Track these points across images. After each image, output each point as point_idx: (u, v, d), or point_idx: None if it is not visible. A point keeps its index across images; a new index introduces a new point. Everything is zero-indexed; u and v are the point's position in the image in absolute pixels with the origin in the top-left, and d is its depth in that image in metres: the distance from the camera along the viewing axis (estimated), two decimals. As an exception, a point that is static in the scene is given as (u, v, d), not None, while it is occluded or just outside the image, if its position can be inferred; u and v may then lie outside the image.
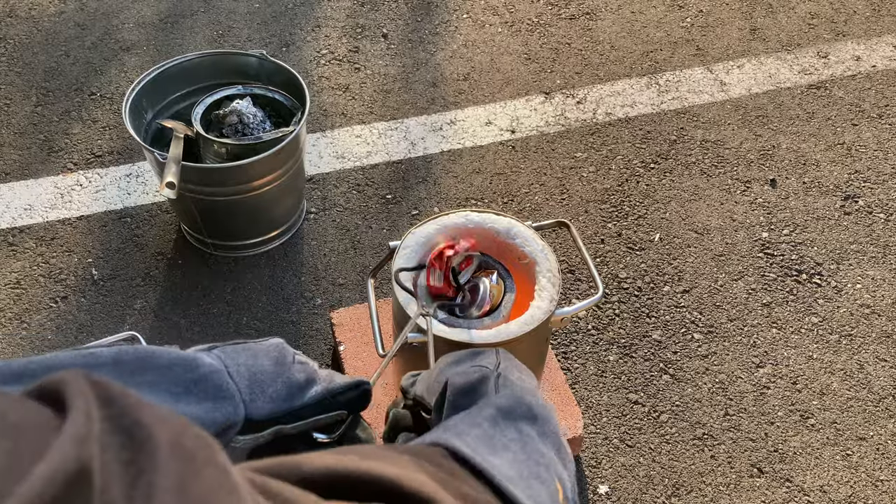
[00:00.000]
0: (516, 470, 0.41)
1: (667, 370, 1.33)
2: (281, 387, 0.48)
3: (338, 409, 0.51)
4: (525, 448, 0.44)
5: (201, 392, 0.44)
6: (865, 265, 1.48)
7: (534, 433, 0.46)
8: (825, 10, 2.00)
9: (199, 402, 0.43)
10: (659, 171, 1.64)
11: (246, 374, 0.47)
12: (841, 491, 1.20)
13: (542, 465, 0.44)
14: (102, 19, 1.94)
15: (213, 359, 0.46)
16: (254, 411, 0.46)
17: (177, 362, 0.44)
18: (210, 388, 0.44)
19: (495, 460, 0.40)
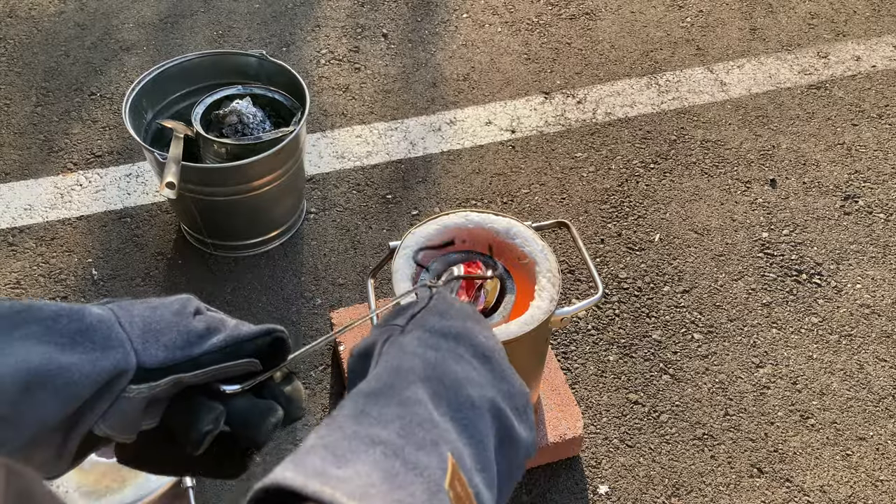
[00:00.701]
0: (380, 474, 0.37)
1: (667, 370, 1.33)
2: (176, 335, 0.46)
3: (246, 357, 0.48)
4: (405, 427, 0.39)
5: (88, 342, 0.42)
6: (865, 265, 1.48)
7: (425, 396, 0.42)
8: (825, 10, 2.00)
9: (86, 353, 0.42)
10: (659, 171, 1.64)
11: (140, 324, 0.45)
12: (841, 491, 1.20)
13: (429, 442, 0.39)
14: (102, 19, 1.94)
15: (103, 310, 0.45)
16: (146, 359, 0.45)
17: (62, 313, 0.42)
18: (98, 337, 0.43)
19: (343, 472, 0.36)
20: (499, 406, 0.44)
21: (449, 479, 0.38)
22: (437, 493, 0.37)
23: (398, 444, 0.38)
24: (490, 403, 0.43)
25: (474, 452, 0.41)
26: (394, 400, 0.41)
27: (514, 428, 0.44)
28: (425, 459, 0.38)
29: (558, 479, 1.20)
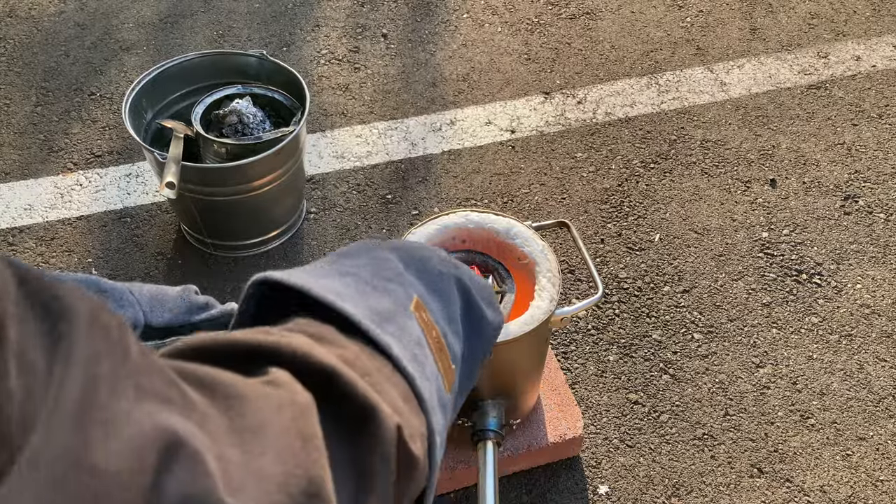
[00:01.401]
0: (353, 287, 0.39)
1: (667, 370, 1.33)
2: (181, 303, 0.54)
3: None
4: (375, 269, 0.42)
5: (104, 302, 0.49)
6: (865, 265, 1.48)
7: (393, 257, 0.44)
8: (825, 10, 2.00)
9: None
10: (659, 171, 1.63)
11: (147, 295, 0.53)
12: (841, 491, 1.20)
13: (396, 281, 0.42)
14: (102, 19, 1.94)
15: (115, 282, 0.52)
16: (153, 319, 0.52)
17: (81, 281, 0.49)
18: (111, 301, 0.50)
19: (322, 282, 0.39)
20: (464, 282, 0.47)
21: (413, 305, 0.41)
22: (404, 308, 0.40)
23: (368, 278, 0.41)
24: (456, 278, 0.46)
25: (440, 306, 0.43)
26: (365, 255, 0.44)
27: (479, 302, 0.47)
28: (393, 287, 0.41)
29: (558, 480, 1.20)
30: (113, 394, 0.23)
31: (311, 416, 0.30)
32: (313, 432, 0.30)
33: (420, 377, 0.38)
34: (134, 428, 0.23)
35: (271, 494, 0.27)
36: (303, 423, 0.30)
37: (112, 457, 0.22)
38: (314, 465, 0.29)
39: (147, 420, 0.23)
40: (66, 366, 0.22)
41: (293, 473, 0.28)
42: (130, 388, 0.24)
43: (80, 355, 0.22)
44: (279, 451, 0.28)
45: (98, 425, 0.22)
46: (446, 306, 0.44)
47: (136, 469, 0.22)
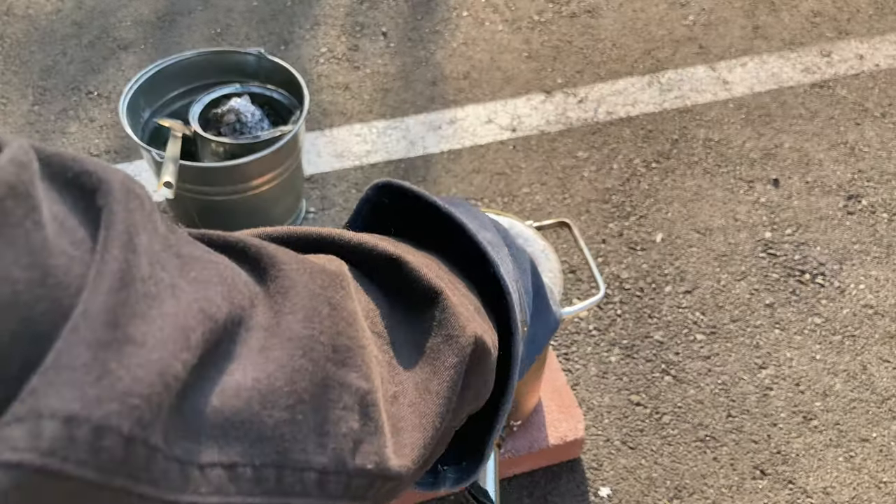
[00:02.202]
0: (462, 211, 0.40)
1: (669, 371, 1.32)
2: None
3: None
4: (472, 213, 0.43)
5: None
6: (869, 265, 1.47)
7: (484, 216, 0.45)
8: (828, 8, 1.99)
9: None
10: (661, 170, 1.62)
11: None
12: (844, 493, 1.19)
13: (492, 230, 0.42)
14: (100, 17, 1.93)
15: None
16: None
17: None
18: None
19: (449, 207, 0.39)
20: (535, 265, 0.47)
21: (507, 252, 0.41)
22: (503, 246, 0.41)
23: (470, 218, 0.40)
24: (529, 258, 0.47)
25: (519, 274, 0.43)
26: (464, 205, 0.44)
27: (545, 288, 0.47)
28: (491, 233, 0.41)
29: (559, 482, 1.19)
30: (154, 265, 0.22)
31: (341, 285, 0.29)
32: (343, 303, 0.29)
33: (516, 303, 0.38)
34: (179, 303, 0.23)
35: (295, 359, 0.26)
36: (332, 292, 0.29)
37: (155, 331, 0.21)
38: (340, 334, 0.28)
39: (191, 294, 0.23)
40: (108, 233, 0.21)
41: (318, 339, 0.27)
42: (173, 258, 0.24)
43: (121, 224, 0.22)
44: (307, 314, 0.27)
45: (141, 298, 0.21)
46: (524, 276, 0.44)
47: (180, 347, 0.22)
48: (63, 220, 0.21)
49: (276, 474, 0.25)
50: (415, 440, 0.30)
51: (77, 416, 0.19)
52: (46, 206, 0.21)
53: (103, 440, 0.19)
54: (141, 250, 0.22)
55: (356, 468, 0.27)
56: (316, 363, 0.26)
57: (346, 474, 0.27)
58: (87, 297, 0.20)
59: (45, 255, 0.20)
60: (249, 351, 0.25)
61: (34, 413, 0.19)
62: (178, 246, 0.24)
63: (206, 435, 0.23)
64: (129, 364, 0.20)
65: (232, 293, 0.25)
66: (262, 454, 0.24)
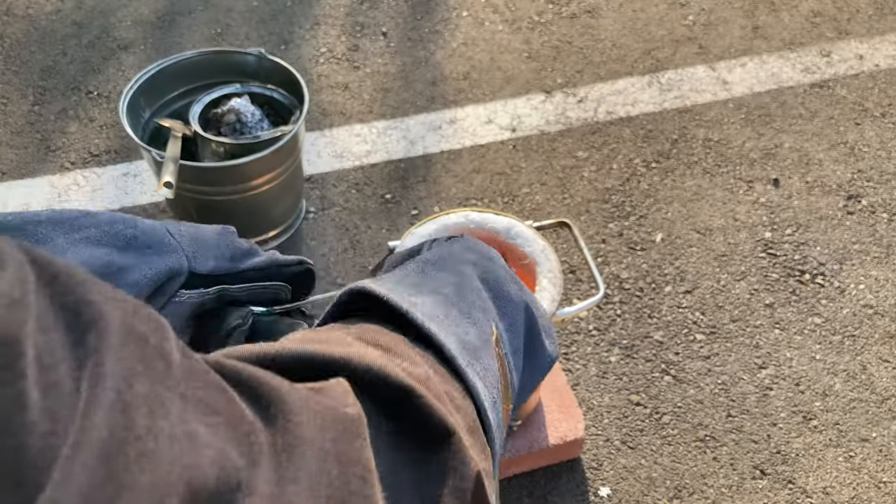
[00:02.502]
0: (443, 310, 0.38)
1: (668, 371, 1.32)
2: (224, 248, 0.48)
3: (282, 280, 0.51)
4: (460, 289, 0.41)
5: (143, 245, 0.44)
6: (868, 265, 1.47)
7: (474, 274, 0.43)
8: (828, 8, 1.99)
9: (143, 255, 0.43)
10: (661, 170, 1.62)
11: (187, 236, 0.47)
12: (844, 493, 1.19)
13: (478, 306, 0.41)
14: (100, 17, 1.93)
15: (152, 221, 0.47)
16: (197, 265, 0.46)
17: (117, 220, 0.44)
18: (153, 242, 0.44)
19: (416, 300, 0.37)
20: (531, 309, 0.46)
21: (494, 339, 0.40)
22: (486, 342, 0.39)
23: (455, 299, 0.40)
24: (525, 304, 0.45)
25: (509, 336, 0.43)
26: (449, 269, 0.43)
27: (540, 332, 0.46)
28: (477, 315, 0.40)
29: (559, 482, 1.19)
30: (151, 415, 0.20)
31: (356, 436, 0.27)
32: (356, 457, 0.27)
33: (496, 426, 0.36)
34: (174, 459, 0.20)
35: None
36: (345, 446, 0.27)
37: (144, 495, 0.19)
38: (349, 497, 0.26)
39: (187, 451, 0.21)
40: (94, 389, 0.19)
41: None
42: (176, 400, 0.21)
43: (110, 379, 0.19)
44: (312, 483, 0.25)
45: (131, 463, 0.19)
46: (514, 337, 0.43)
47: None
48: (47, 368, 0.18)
49: None
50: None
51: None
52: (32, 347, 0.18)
53: None
54: (136, 403, 0.20)
55: None
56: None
57: None
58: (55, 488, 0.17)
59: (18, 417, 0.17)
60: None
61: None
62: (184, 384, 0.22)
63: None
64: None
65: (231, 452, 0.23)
66: None
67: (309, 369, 0.31)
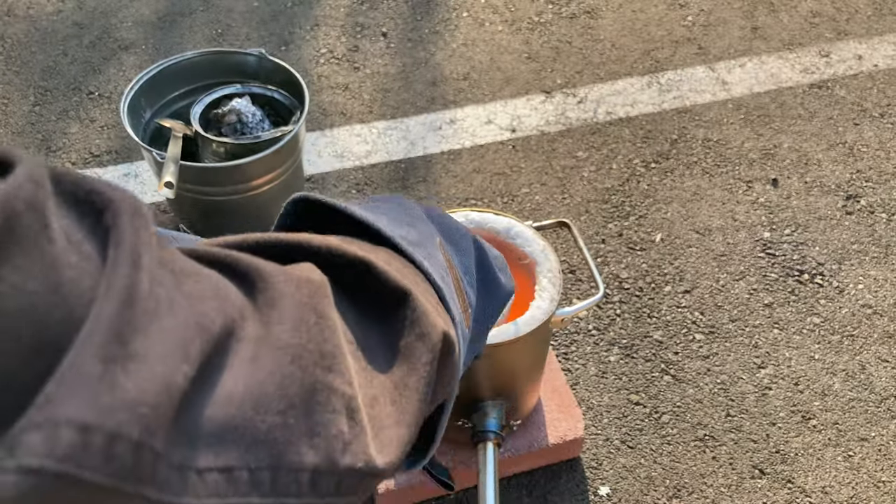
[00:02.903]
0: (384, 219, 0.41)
1: (668, 371, 1.32)
2: None
3: None
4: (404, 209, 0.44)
5: None
6: (867, 265, 1.47)
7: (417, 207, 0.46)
8: (827, 8, 2.00)
9: None
10: (660, 170, 1.63)
11: None
12: (843, 492, 1.19)
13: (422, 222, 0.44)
14: (101, 18, 1.94)
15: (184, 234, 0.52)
16: None
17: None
18: None
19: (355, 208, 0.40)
20: (480, 243, 0.48)
21: (438, 243, 0.42)
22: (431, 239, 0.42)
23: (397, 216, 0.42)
24: (473, 237, 0.47)
25: (458, 257, 0.44)
26: (393, 201, 0.45)
27: (492, 264, 0.48)
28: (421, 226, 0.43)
29: (559, 481, 1.19)
30: (153, 282, 0.23)
31: (325, 294, 0.31)
32: (327, 312, 0.30)
33: (448, 295, 0.39)
34: (177, 318, 0.24)
35: (284, 366, 0.27)
36: (317, 301, 0.30)
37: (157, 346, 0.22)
38: (326, 341, 0.29)
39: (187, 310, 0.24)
40: (117, 251, 0.23)
41: (306, 347, 0.28)
42: (168, 275, 0.25)
43: (128, 244, 0.23)
44: (295, 323, 0.28)
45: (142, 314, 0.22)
46: (462, 259, 0.45)
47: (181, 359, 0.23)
48: (70, 236, 0.22)
49: (271, 476, 0.26)
50: (397, 436, 0.31)
51: (91, 425, 0.20)
52: (56, 222, 0.22)
53: (115, 447, 0.20)
54: (144, 269, 0.23)
55: (346, 467, 0.28)
56: (304, 369, 0.27)
57: (337, 474, 0.28)
58: (97, 312, 0.21)
59: (57, 268, 0.21)
60: (241, 361, 0.26)
61: (51, 421, 0.19)
62: (172, 263, 0.25)
63: (202, 442, 0.24)
64: (136, 378, 0.21)
65: (224, 306, 0.26)
66: (257, 458, 0.25)
67: (273, 255, 0.34)
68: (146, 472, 0.21)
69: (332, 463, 0.27)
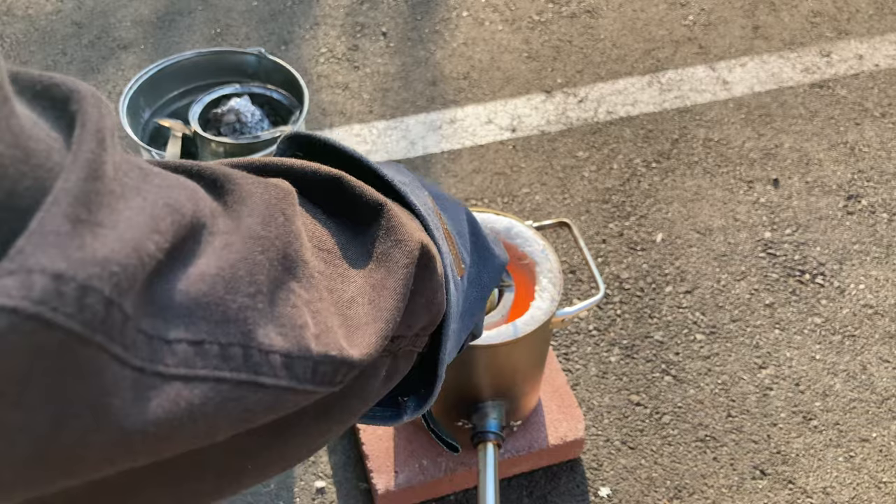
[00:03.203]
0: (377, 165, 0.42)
1: (669, 371, 1.32)
2: None
3: None
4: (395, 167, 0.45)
5: None
6: (868, 265, 1.47)
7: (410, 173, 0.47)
8: (828, 8, 1.99)
9: None
10: (661, 170, 1.62)
11: None
12: (844, 493, 1.19)
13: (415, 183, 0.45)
14: (100, 17, 1.93)
15: None
16: None
17: None
18: None
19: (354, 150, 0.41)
20: (473, 215, 0.48)
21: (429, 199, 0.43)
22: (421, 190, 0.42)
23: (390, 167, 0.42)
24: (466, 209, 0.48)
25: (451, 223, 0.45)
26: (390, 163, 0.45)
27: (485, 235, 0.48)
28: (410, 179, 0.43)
29: (559, 482, 1.19)
30: (119, 170, 0.24)
31: (292, 202, 0.31)
32: (293, 217, 0.30)
33: (433, 225, 0.39)
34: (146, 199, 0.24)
35: (255, 254, 0.27)
36: (285, 205, 0.31)
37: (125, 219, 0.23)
38: (289, 245, 0.29)
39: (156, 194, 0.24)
40: (83, 130, 0.23)
41: (273, 243, 0.29)
42: (135, 169, 0.25)
43: (93, 125, 0.23)
44: (265, 219, 0.29)
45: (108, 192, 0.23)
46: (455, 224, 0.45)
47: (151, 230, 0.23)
48: (36, 120, 0.22)
49: (242, 352, 0.26)
50: (374, 331, 0.32)
51: (64, 274, 0.20)
52: (18, 106, 0.22)
53: (87, 298, 0.21)
54: (108, 149, 0.23)
55: (319, 353, 0.28)
56: (271, 262, 0.28)
57: (311, 360, 0.28)
58: (64, 179, 0.21)
59: (25, 139, 0.21)
60: (213, 248, 0.26)
61: (24, 268, 0.20)
62: (138, 161, 0.26)
63: (173, 314, 0.24)
64: (104, 240, 0.22)
65: (195, 197, 0.27)
66: (228, 334, 0.26)
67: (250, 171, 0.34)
68: (115, 329, 0.22)
69: (303, 348, 0.28)
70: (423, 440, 1.12)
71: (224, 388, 0.25)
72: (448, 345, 0.40)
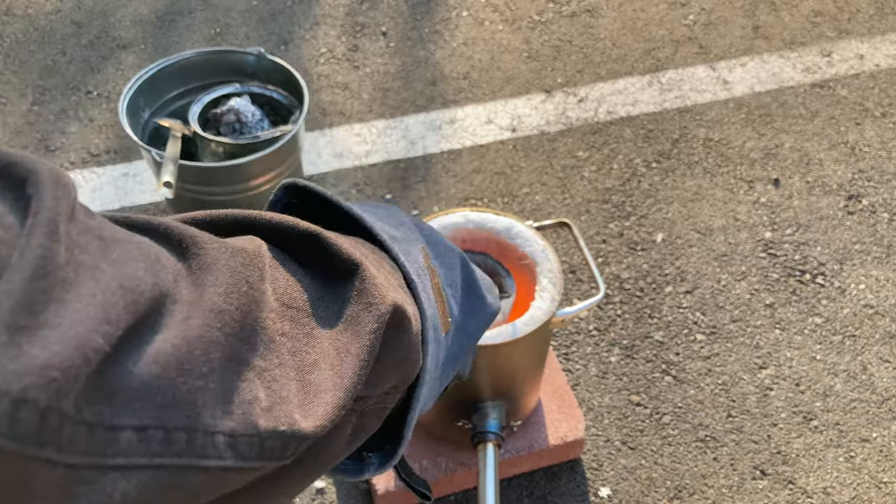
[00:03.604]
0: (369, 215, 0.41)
1: (669, 371, 1.31)
2: None
3: None
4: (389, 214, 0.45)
5: None
6: (869, 265, 1.47)
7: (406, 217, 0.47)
8: (829, 8, 1.99)
9: None
10: (661, 170, 1.62)
11: None
12: (844, 493, 1.19)
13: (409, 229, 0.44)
14: (99, 17, 1.93)
15: None
16: None
17: None
18: None
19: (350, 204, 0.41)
20: (467, 260, 0.48)
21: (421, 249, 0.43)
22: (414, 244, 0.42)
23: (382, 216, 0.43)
24: (460, 255, 0.47)
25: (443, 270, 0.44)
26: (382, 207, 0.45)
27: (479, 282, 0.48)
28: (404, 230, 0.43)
29: (559, 482, 1.19)
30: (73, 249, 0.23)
31: (258, 266, 0.31)
32: (257, 284, 0.30)
33: (420, 288, 0.39)
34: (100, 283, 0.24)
35: (213, 331, 0.27)
36: (250, 272, 0.30)
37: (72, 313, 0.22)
38: (249, 314, 0.29)
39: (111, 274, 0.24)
40: (35, 220, 0.22)
41: (233, 316, 0.28)
42: (95, 241, 0.25)
43: (47, 213, 0.23)
44: (228, 289, 0.29)
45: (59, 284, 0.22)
46: (448, 272, 0.45)
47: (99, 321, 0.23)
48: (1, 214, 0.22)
49: (186, 437, 0.26)
50: (333, 399, 0.32)
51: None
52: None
53: (20, 412, 0.20)
54: (61, 238, 0.23)
55: (267, 429, 0.28)
56: (227, 338, 0.28)
57: (258, 437, 0.28)
58: (7, 279, 0.21)
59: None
60: (174, 321, 0.26)
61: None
62: (100, 230, 0.25)
63: (122, 399, 0.24)
64: (44, 343, 0.21)
65: (156, 268, 0.26)
66: (174, 418, 0.25)
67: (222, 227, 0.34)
68: (51, 433, 0.21)
69: (250, 426, 0.28)
70: (423, 441, 1.12)
71: (164, 475, 0.25)
72: (418, 407, 0.39)
